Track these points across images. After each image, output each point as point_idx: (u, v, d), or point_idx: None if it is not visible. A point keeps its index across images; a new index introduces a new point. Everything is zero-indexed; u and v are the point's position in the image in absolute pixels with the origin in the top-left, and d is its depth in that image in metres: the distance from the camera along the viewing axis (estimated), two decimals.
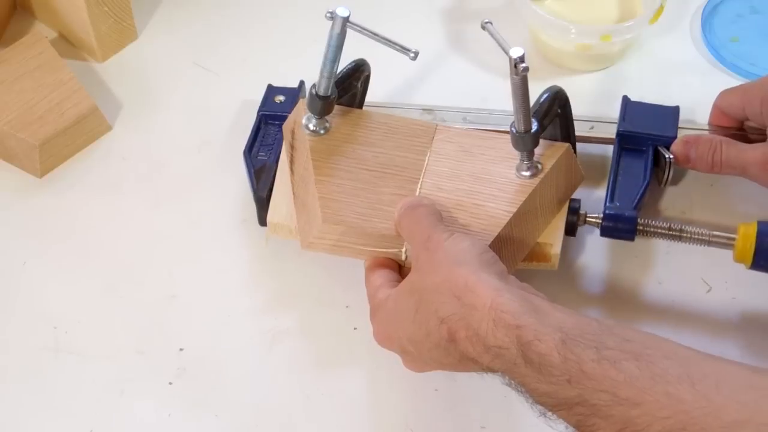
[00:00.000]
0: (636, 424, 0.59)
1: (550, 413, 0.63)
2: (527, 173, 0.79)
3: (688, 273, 0.83)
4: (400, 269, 0.78)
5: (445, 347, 0.68)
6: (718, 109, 0.87)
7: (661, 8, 0.93)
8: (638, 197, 0.83)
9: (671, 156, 0.85)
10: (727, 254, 0.81)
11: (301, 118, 0.83)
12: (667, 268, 0.84)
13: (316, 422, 0.77)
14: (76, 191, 0.90)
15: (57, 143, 0.90)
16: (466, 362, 0.68)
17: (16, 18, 1.03)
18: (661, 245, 0.84)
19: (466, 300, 0.66)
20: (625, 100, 0.88)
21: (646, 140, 0.86)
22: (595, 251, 0.84)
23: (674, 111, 0.87)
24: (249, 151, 0.87)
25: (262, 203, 0.83)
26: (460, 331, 0.66)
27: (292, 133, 0.84)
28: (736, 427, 0.57)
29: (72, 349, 0.81)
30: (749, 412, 0.57)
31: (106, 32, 0.97)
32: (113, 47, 0.99)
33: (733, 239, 0.80)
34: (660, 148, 0.85)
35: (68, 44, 1.00)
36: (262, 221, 0.84)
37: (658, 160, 0.86)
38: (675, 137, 0.85)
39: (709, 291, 0.82)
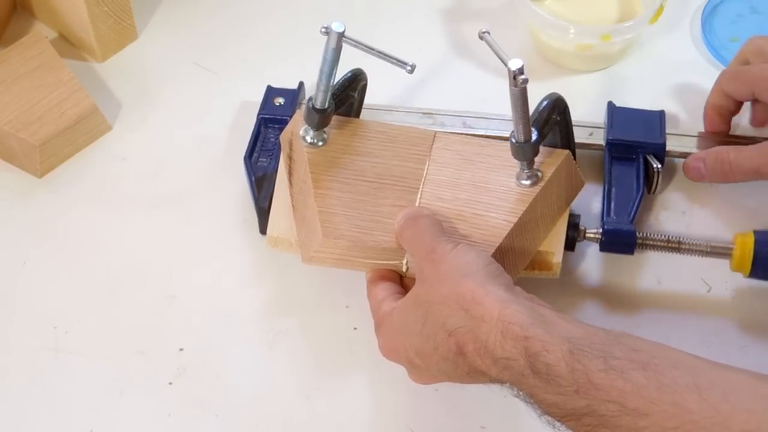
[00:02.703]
0: None
1: (558, 424, 0.63)
2: (528, 182, 0.78)
3: (688, 273, 0.83)
4: (401, 280, 0.78)
5: (454, 360, 0.68)
6: (722, 91, 0.86)
7: (661, 8, 0.93)
8: (634, 210, 0.83)
9: (659, 165, 0.85)
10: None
11: (299, 129, 0.82)
12: (667, 268, 0.84)
13: (316, 422, 0.77)
14: (76, 191, 0.90)
15: (57, 143, 0.90)
16: (474, 374, 0.68)
17: (16, 18, 1.03)
18: None
19: (473, 312, 0.66)
20: (611, 107, 0.88)
21: (635, 148, 0.86)
22: (595, 252, 0.84)
23: (660, 116, 0.88)
24: (249, 157, 0.87)
25: (264, 213, 0.83)
26: (469, 344, 0.66)
27: (290, 144, 0.83)
28: None
29: (72, 349, 0.81)
30: (757, 421, 0.57)
31: (106, 32, 0.97)
32: (113, 47, 0.99)
33: (731, 249, 0.80)
34: (648, 157, 0.86)
35: (68, 44, 1.00)
36: (264, 230, 0.83)
37: (646, 168, 0.86)
38: (663, 144, 0.86)
39: (709, 291, 0.82)
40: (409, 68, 0.77)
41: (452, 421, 0.77)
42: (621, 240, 0.81)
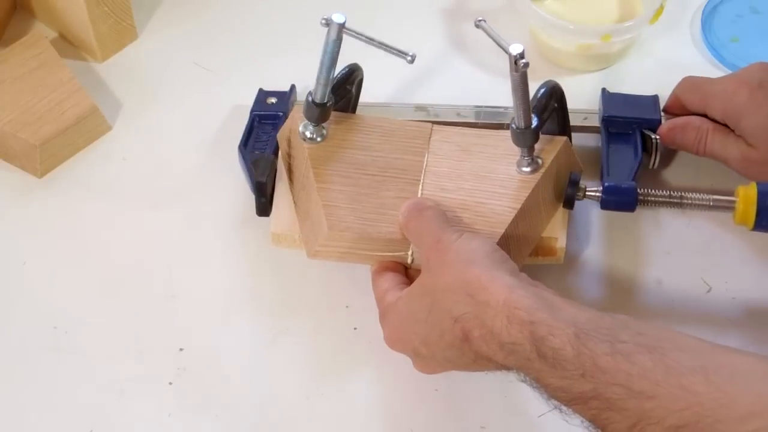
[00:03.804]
0: (650, 417, 0.59)
1: (565, 408, 0.63)
2: (528, 169, 0.79)
3: (688, 273, 0.83)
4: (406, 272, 0.78)
5: (459, 347, 0.68)
6: (677, 99, 0.87)
7: (661, 8, 0.93)
8: (633, 172, 0.83)
9: (657, 137, 0.85)
10: (727, 254, 0.82)
11: (297, 126, 0.83)
12: (667, 268, 0.84)
13: (316, 422, 0.77)
14: (76, 191, 0.90)
15: (57, 143, 0.90)
16: (480, 361, 0.68)
17: (16, 18, 1.03)
18: (661, 245, 0.84)
19: (479, 298, 0.66)
20: (605, 92, 0.89)
21: (631, 124, 0.86)
22: (595, 251, 0.84)
23: (654, 99, 0.88)
24: (244, 146, 0.87)
25: (262, 189, 0.82)
26: (474, 330, 0.66)
27: (288, 141, 0.83)
28: (750, 417, 0.56)
29: (72, 349, 0.81)
30: (764, 403, 0.57)
31: (106, 32, 0.97)
32: (113, 47, 0.99)
33: (734, 202, 0.80)
34: (645, 132, 0.86)
35: (68, 44, 1.00)
36: (261, 211, 0.83)
37: (645, 143, 0.86)
38: (659, 120, 0.86)
39: (709, 291, 0.82)
40: (409, 58, 0.77)
41: (452, 421, 0.77)
42: (622, 197, 0.81)
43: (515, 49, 0.72)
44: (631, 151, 0.85)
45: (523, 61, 0.73)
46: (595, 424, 0.62)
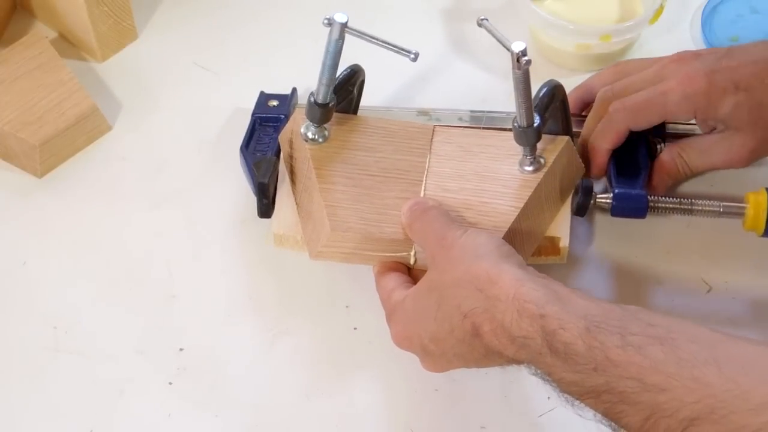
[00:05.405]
0: (664, 410, 0.59)
1: (578, 402, 0.63)
2: (530, 168, 0.79)
3: (688, 273, 0.83)
4: (409, 272, 0.78)
5: (470, 342, 0.68)
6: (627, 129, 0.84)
7: (661, 8, 0.93)
8: (641, 180, 0.83)
9: (663, 145, 0.85)
10: (727, 253, 0.81)
11: (299, 127, 0.83)
12: (667, 268, 0.84)
13: (316, 422, 0.77)
14: (76, 191, 0.90)
15: (57, 143, 0.90)
16: (490, 356, 0.68)
17: (16, 18, 1.02)
18: (661, 245, 0.84)
19: (489, 292, 0.66)
20: None
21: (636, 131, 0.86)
22: (596, 251, 0.84)
23: None
24: (246, 147, 0.87)
25: (264, 190, 0.82)
26: (485, 324, 0.66)
27: (290, 143, 0.84)
28: (764, 408, 0.56)
29: (72, 349, 0.81)
30: None
31: (106, 32, 0.97)
32: (113, 47, 0.99)
33: (744, 208, 0.80)
34: (650, 138, 0.86)
35: (68, 44, 1.00)
36: (263, 213, 0.83)
37: (651, 151, 0.86)
38: (664, 126, 0.85)
39: (709, 291, 0.83)
40: (412, 56, 0.77)
41: (452, 421, 0.77)
42: (633, 204, 0.81)
43: (517, 47, 0.73)
44: (638, 158, 0.85)
45: (525, 58, 0.73)
46: (608, 417, 0.62)
